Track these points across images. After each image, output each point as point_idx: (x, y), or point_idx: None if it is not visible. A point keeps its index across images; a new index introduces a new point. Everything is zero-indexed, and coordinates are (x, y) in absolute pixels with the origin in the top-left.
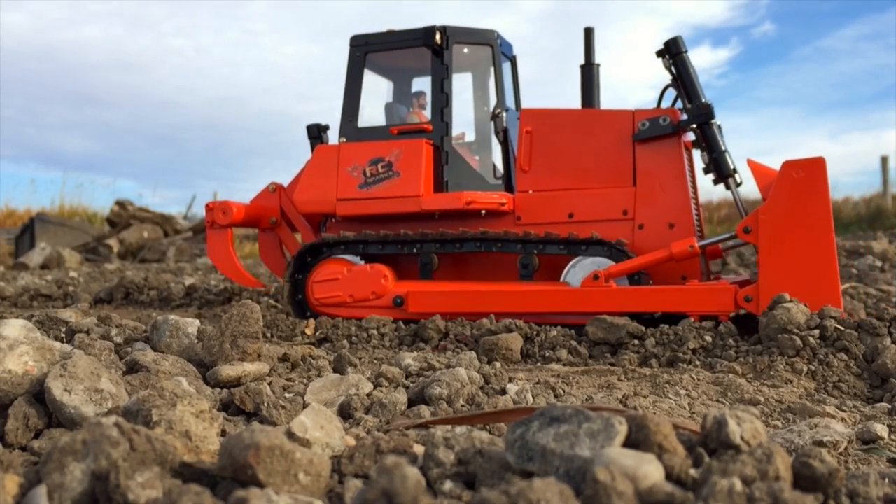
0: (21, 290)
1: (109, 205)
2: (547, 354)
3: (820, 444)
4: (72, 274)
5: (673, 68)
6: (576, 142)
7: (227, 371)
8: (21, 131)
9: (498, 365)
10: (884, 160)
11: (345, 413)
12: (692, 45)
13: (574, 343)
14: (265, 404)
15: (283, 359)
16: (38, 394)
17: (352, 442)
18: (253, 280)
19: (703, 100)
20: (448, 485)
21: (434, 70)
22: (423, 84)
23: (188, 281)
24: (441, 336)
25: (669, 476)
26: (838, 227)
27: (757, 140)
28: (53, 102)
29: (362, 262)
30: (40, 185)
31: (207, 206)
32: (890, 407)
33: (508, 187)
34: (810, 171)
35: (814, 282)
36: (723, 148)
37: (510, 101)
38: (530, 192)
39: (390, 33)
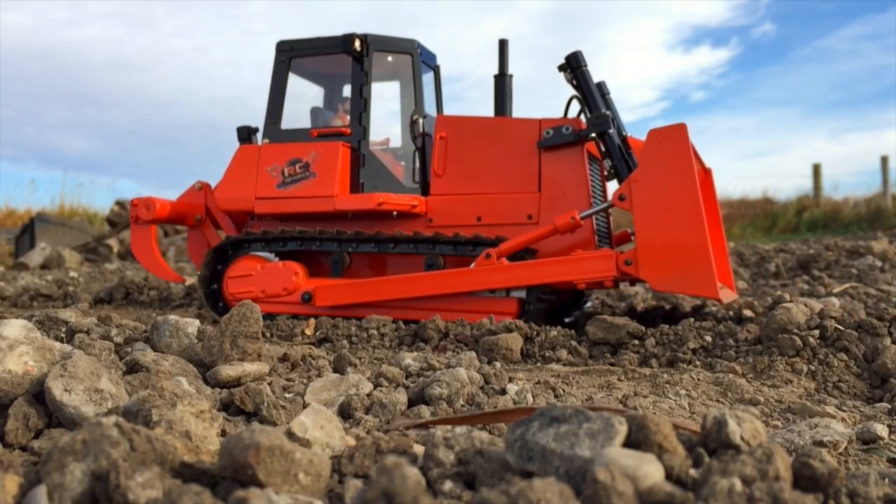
0: (21, 290)
1: (109, 205)
2: (547, 354)
3: (820, 444)
4: (72, 274)
5: (574, 81)
6: (486, 148)
7: (227, 371)
8: (21, 131)
9: (498, 365)
10: (884, 160)
11: (345, 413)
12: (692, 44)
13: (574, 343)
14: (265, 404)
15: (283, 359)
16: (38, 394)
17: (352, 442)
18: (175, 275)
19: (602, 110)
20: (448, 485)
21: (354, 76)
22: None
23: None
24: (441, 336)
25: (669, 476)
26: (838, 226)
27: (757, 140)
28: (53, 102)
29: (276, 260)
30: (40, 185)
31: (132, 202)
32: (890, 407)
33: (426, 191)
34: (672, 138)
35: (684, 243)
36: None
37: (431, 109)
38: (443, 195)
39: (314, 39)
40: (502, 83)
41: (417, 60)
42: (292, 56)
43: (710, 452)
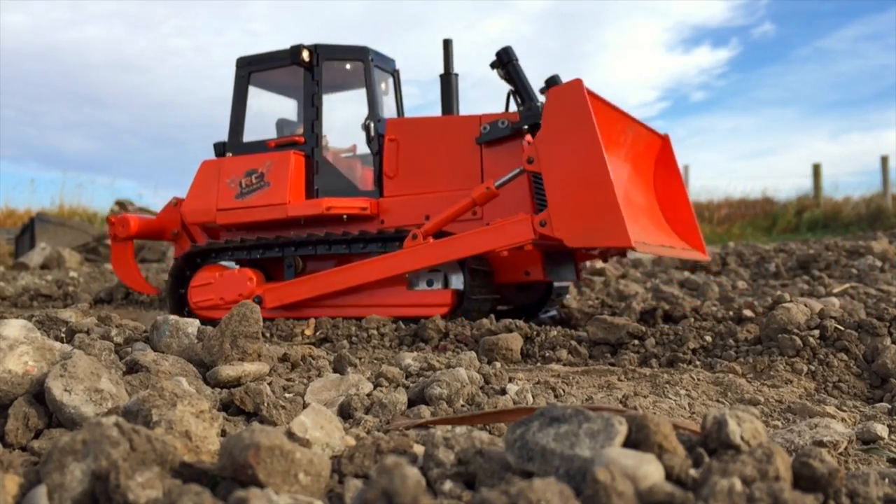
0: (21, 290)
1: (109, 205)
2: (547, 354)
3: (820, 444)
4: (72, 274)
5: (507, 76)
6: (432, 148)
7: (227, 371)
8: (21, 131)
9: (498, 365)
10: (884, 160)
11: (345, 413)
12: (692, 45)
13: (574, 343)
14: (265, 404)
15: (283, 359)
16: (38, 394)
17: (352, 442)
18: (151, 288)
19: (535, 102)
20: (448, 485)
21: (305, 86)
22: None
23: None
24: (441, 336)
25: (669, 476)
26: (838, 226)
27: (757, 140)
28: (53, 102)
29: (236, 267)
30: (40, 185)
31: (109, 220)
32: (890, 407)
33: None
34: (569, 95)
35: (591, 196)
36: None
37: (392, 112)
38: (394, 196)
39: (269, 54)
40: (448, 82)
41: (370, 67)
42: (251, 71)
43: (710, 452)
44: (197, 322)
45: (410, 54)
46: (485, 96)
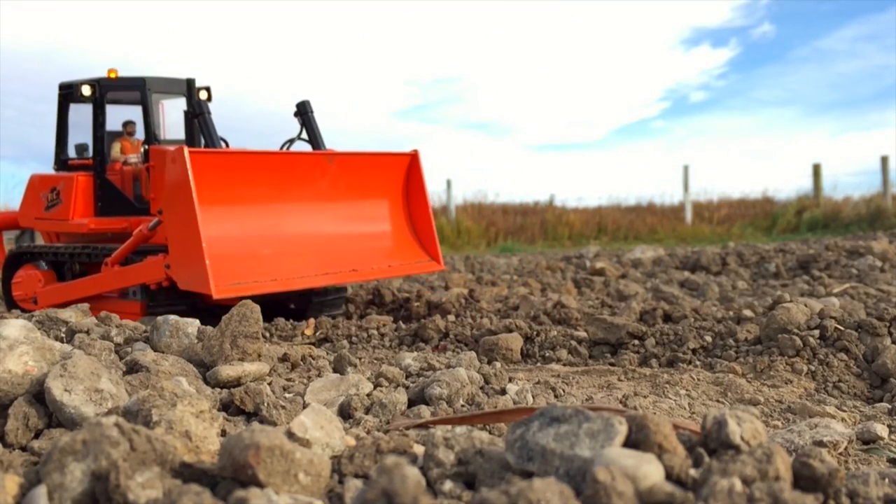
0: None
1: None
2: (547, 354)
3: (820, 444)
4: None
5: (302, 123)
6: (166, 175)
7: (227, 371)
8: (21, 131)
9: (498, 365)
10: (884, 160)
11: (345, 413)
12: (692, 45)
13: (574, 343)
14: (265, 404)
15: (283, 359)
16: (38, 394)
17: (352, 442)
18: None
19: (322, 148)
20: (448, 485)
21: (93, 116)
22: (132, 113)
23: None
24: (441, 336)
25: (669, 476)
26: (838, 226)
27: (757, 140)
28: (54, 103)
29: (45, 268)
30: None
31: None
32: (890, 407)
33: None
34: (175, 159)
35: (185, 251)
36: None
37: (174, 135)
38: (149, 217)
39: (70, 84)
40: (191, 119)
41: (147, 95)
42: (66, 95)
43: (710, 452)
44: (197, 322)
45: (411, 54)
46: (484, 97)
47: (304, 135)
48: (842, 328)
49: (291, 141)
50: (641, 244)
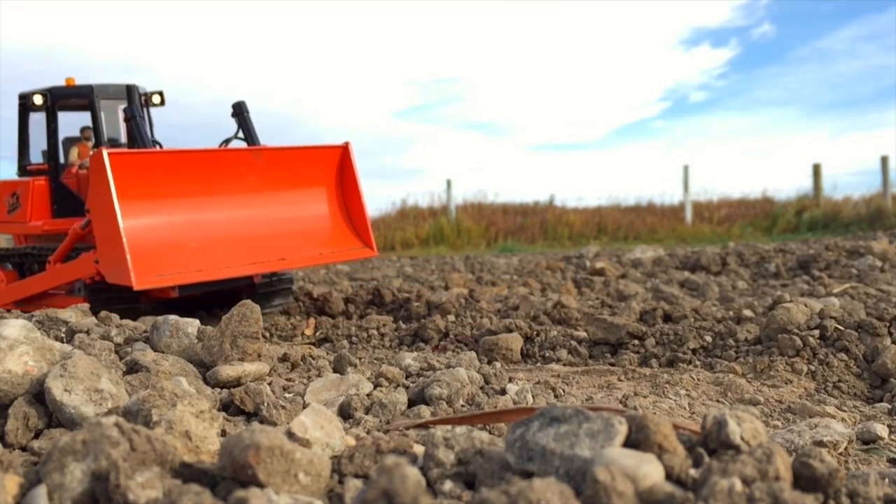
0: None
1: None
2: (547, 354)
3: (820, 444)
4: None
5: (239, 123)
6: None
7: (227, 371)
8: None
9: (498, 365)
10: (884, 160)
11: (345, 413)
12: (692, 45)
13: (574, 343)
14: (265, 404)
15: (283, 359)
16: (38, 394)
17: (352, 442)
18: None
19: (258, 144)
20: (448, 485)
21: (47, 123)
22: (87, 118)
23: None
24: (441, 336)
25: (669, 476)
26: (838, 226)
27: (757, 140)
28: None
29: (9, 269)
30: None
31: None
32: (890, 407)
33: None
34: (97, 163)
35: (109, 245)
36: None
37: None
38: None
39: (27, 94)
40: (131, 122)
41: (95, 101)
42: (24, 105)
43: (710, 452)
44: (197, 322)
45: (411, 54)
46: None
47: (241, 134)
48: (842, 328)
49: (228, 140)
50: (641, 244)
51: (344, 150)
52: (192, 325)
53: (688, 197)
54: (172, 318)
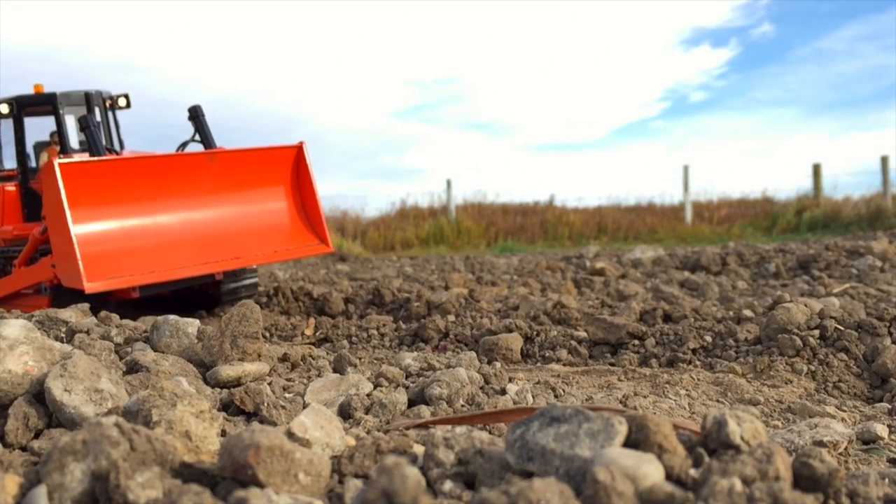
0: None
1: None
2: (547, 354)
3: (820, 444)
4: None
5: (195, 126)
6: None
7: (227, 371)
8: None
9: (498, 365)
10: (884, 160)
11: (345, 413)
12: (692, 45)
13: (574, 343)
14: (265, 404)
15: (283, 359)
16: (38, 394)
17: (352, 442)
18: None
19: (214, 147)
20: (448, 485)
21: (14, 130)
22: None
23: None
24: (441, 336)
25: (669, 476)
26: (838, 226)
27: (757, 140)
28: None
29: None
30: None
31: None
32: (890, 407)
33: None
34: (48, 169)
35: (63, 251)
36: None
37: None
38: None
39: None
40: (89, 128)
41: (58, 108)
42: None
43: (710, 452)
44: (197, 322)
45: (410, 54)
46: (483, 96)
47: (198, 137)
48: (842, 328)
49: (185, 144)
50: (641, 244)
51: (299, 150)
52: (192, 325)
53: (688, 197)
54: (172, 318)
